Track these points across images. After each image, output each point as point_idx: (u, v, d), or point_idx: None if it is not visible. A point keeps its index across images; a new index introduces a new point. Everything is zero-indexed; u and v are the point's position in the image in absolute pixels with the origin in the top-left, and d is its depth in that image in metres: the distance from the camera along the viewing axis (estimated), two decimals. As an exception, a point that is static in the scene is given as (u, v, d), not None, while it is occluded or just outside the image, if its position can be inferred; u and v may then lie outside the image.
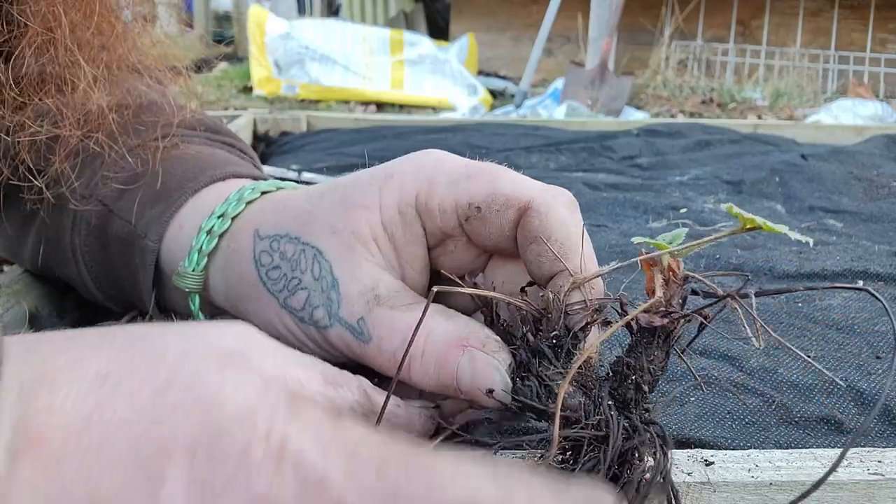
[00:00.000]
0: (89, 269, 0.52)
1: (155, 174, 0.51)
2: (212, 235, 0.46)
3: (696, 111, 2.94)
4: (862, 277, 0.70)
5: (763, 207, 0.96)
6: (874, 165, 1.14)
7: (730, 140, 1.31)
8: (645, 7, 3.60)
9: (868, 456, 0.37)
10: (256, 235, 0.44)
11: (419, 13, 4.65)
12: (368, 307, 0.39)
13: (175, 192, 0.50)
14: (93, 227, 0.51)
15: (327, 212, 0.42)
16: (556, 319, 0.35)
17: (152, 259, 0.49)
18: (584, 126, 1.45)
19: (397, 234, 0.41)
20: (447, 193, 0.40)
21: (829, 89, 3.39)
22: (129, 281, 0.51)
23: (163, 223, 0.49)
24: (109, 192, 0.51)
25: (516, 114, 2.73)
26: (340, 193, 0.42)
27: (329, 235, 0.41)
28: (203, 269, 0.46)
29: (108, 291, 0.53)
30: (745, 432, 0.46)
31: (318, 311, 0.41)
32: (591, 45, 3.11)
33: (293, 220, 0.43)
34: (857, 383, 0.50)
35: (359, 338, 0.39)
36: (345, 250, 0.41)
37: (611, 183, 1.06)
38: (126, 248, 0.50)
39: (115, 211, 0.50)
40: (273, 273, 0.43)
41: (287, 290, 0.42)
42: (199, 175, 0.50)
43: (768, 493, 0.35)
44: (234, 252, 0.45)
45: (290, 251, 0.42)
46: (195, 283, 0.46)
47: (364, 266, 0.40)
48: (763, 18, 3.67)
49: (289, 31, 3.05)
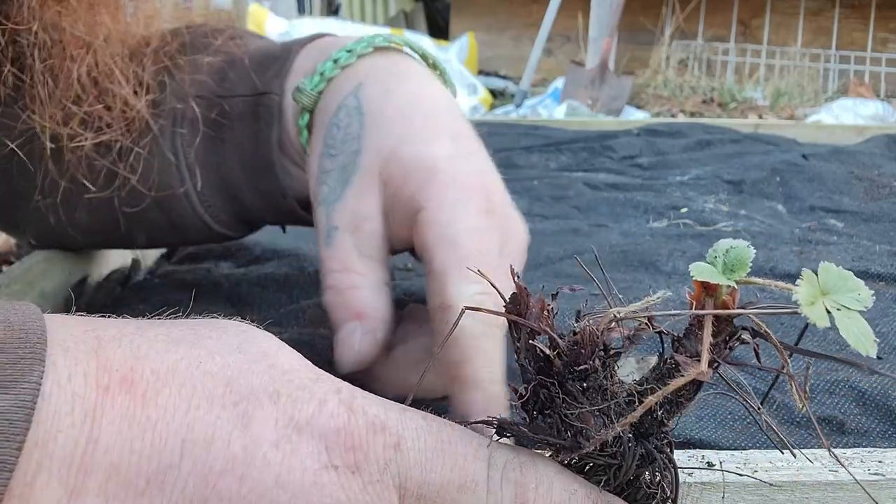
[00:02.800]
0: (192, 174, 0.52)
1: (243, 56, 0.53)
2: (336, 65, 0.48)
3: (697, 111, 2.94)
4: (863, 277, 0.69)
5: (764, 207, 0.96)
6: (875, 165, 1.14)
7: (730, 140, 1.31)
8: (645, 6, 3.60)
9: (869, 456, 0.37)
10: (354, 91, 0.46)
11: (419, 13, 4.65)
12: (346, 230, 0.44)
13: (281, 55, 0.52)
14: (198, 121, 0.52)
15: (381, 133, 0.45)
16: (589, 354, 0.31)
17: (278, 111, 0.50)
18: (584, 126, 1.45)
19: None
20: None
21: (830, 89, 3.39)
22: (247, 155, 0.52)
23: (282, 76, 0.51)
24: (206, 86, 0.52)
25: (516, 113, 2.73)
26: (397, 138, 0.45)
27: (371, 146, 0.44)
28: (319, 93, 0.48)
29: (209, 197, 0.53)
30: (745, 432, 0.46)
31: (325, 188, 0.45)
32: (591, 44, 3.11)
33: (375, 103, 0.46)
34: (858, 383, 0.50)
35: (325, 238, 0.44)
36: (368, 174, 0.44)
37: (611, 183, 1.06)
38: (243, 119, 0.51)
39: (224, 94, 0.52)
40: (332, 135, 0.46)
41: (326, 149, 0.45)
42: (298, 40, 0.53)
43: (768, 493, 0.35)
44: (323, 108, 0.48)
45: (351, 121, 0.46)
46: (309, 101, 0.48)
47: (371, 199, 0.44)
48: (764, 18, 3.66)
49: (288, 31, 3.04)
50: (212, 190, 0.53)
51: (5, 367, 0.24)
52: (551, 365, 0.30)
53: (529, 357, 0.31)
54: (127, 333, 0.28)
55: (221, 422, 0.26)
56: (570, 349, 0.30)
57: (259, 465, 0.26)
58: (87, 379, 0.25)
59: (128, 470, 0.25)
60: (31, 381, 0.24)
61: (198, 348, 0.28)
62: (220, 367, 0.28)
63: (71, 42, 0.47)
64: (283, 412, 0.27)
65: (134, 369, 0.26)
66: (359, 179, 0.44)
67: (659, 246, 0.76)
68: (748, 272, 0.28)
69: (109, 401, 0.25)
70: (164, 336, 0.28)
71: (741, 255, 0.28)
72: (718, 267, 0.29)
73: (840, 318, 0.27)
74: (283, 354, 0.30)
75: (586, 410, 0.29)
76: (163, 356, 0.27)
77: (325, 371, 0.31)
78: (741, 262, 0.28)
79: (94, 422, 0.25)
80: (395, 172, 0.43)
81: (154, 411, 0.26)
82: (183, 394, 0.26)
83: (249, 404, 0.27)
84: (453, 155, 0.43)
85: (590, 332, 0.30)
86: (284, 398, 0.28)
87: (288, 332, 0.55)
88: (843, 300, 0.27)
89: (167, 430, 0.26)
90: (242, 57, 0.53)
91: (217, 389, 0.27)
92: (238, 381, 0.27)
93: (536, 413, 0.30)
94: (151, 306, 0.59)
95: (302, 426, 0.27)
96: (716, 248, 0.29)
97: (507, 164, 1.13)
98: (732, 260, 0.29)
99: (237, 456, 0.26)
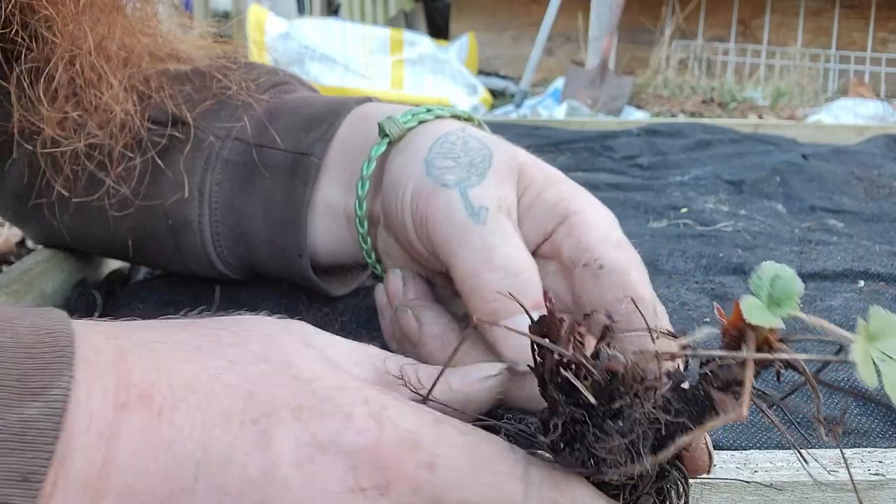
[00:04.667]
0: (212, 211, 0.52)
1: (289, 109, 0.53)
2: (416, 118, 0.46)
3: (697, 111, 2.94)
4: (863, 277, 0.70)
5: (764, 207, 0.96)
6: (875, 165, 1.13)
7: (730, 140, 1.30)
8: (645, 6, 3.60)
9: (869, 456, 0.37)
10: (459, 129, 0.45)
11: (419, 12, 4.65)
12: (497, 210, 0.39)
13: (328, 117, 0.51)
14: (232, 163, 0.52)
15: (509, 148, 0.44)
16: (628, 391, 0.28)
17: (317, 173, 0.50)
18: (584, 126, 1.45)
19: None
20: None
21: (830, 89, 3.39)
22: (273, 210, 0.51)
23: (326, 140, 0.50)
24: (246, 131, 0.52)
25: (516, 113, 2.73)
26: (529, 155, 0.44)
27: (503, 151, 0.43)
28: (408, 130, 0.46)
29: (222, 238, 0.53)
30: (745, 432, 0.46)
31: (450, 176, 0.40)
32: (591, 44, 3.11)
33: (488, 136, 0.45)
34: (858, 384, 0.50)
35: (471, 215, 0.38)
36: (506, 170, 0.42)
37: (611, 183, 1.06)
38: (278, 173, 0.51)
39: (263, 144, 0.52)
40: (442, 146, 0.43)
41: (439, 154, 0.42)
42: (346, 102, 0.52)
43: (768, 493, 0.35)
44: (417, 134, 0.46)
45: (468, 139, 0.43)
46: (398, 133, 0.46)
47: (512, 192, 0.41)
48: (764, 18, 3.66)
49: (288, 31, 3.04)
50: (227, 231, 0.53)
51: (34, 373, 0.24)
52: (581, 397, 0.27)
53: (559, 388, 0.28)
54: (149, 341, 0.27)
55: (239, 441, 0.25)
56: (606, 384, 0.27)
57: (278, 489, 0.25)
58: (105, 395, 0.25)
59: (142, 492, 0.25)
60: (61, 387, 0.24)
61: (218, 358, 0.27)
62: (241, 379, 0.27)
63: (60, 45, 0.47)
64: (306, 429, 0.26)
65: (153, 384, 0.26)
66: (496, 174, 0.41)
67: (659, 246, 0.76)
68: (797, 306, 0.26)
69: (126, 419, 0.25)
70: (186, 343, 0.27)
71: (789, 287, 0.26)
72: (763, 297, 0.26)
73: (885, 369, 0.25)
74: (308, 360, 0.28)
75: (616, 445, 0.27)
76: (182, 368, 0.26)
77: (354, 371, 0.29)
78: (789, 296, 0.26)
79: (109, 442, 0.24)
80: (537, 176, 0.42)
81: (169, 431, 0.25)
82: (200, 411, 0.26)
83: (269, 421, 0.26)
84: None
85: (631, 370, 0.27)
86: (307, 413, 0.26)
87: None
88: (889, 348, 0.25)
89: (182, 450, 0.25)
90: (286, 110, 0.53)
91: (235, 405, 0.26)
92: (258, 395, 0.26)
93: (564, 445, 0.28)
94: (151, 306, 0.59)
95: (326, 444, 0.26)
96: (761, 276, 0.26)
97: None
98: (780, 292, 0.26)
99: (254, 479, 0.25)
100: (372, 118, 0.50)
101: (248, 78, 0.54)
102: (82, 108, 0.49)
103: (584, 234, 0.39)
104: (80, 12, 0.47)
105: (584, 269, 0.38)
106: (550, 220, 0.41)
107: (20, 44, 0.46)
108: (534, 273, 0.37)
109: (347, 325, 0.55)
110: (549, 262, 0.41)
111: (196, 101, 0.53)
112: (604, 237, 0.39)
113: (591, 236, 0.39)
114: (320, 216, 0.51)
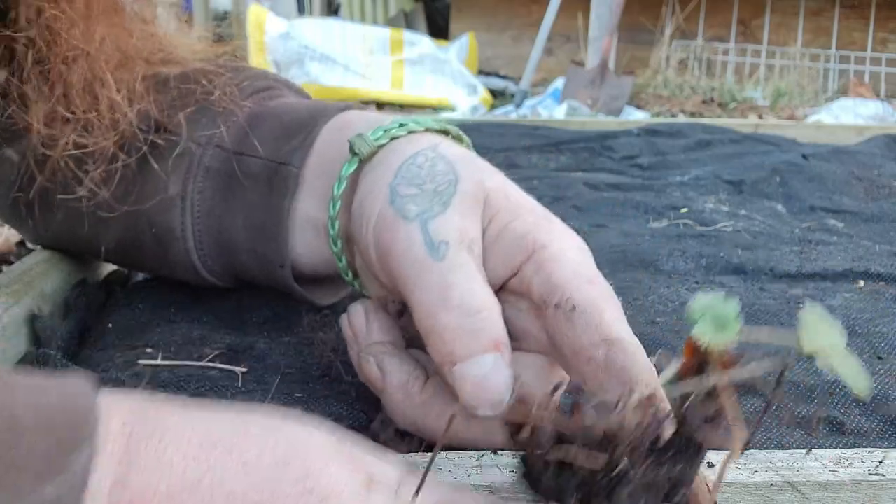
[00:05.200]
0: (195, 219, 0.52)
1: (270, 115, 0.52)
2: (390, 133, 0.45)
3: (697, 111, 2.94)
4: (863, 277, 0.70)
5: (764, 207, 0.96)
6: (875, 165, 1.14)
7: (730, 140, 1.30)
8: (645, 6, 3.60)
9: (869, 457, 0.37)
10: (431, 146, 0.43)
11: (419, 12, 4.65)
12: (459, 245, 0.37)
13: (308, 124, 0.51)
14: (213, 171, 0.52)
15: (477, 171, 0.41)
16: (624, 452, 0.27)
17: (295, 183, 0.49)
18: (584, 126, 1.45)
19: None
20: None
21: (830, 89, 3.39)
22: (253, 219, 0.51)
23: (304, 149, 0.50)
24: (227, 139, 0.52)
25: (516, 113, 2.73)
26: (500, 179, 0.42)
27: (470, 177, 0.40)
28: (379, 148, 0.45)
29: (205, 245, 0.53)
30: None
31: (412, 206, 0.39)
32: (591, 44, 3.11)
33: (459, 154, 0.43)
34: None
35: (430, 251, 0.37)
36: (471, 199, 0.39)
37: (611, 183, 1.06)
38: (258, 182, 0.51)
39: (244, 152, 0.51)
40: (409, 170, 0.41)
41: (404, 180, 0.41)
42: (326, 109, 0.52)
43: (768, 493, 0.35)
44: (386, 154, 0.44)
45: (436, 160, 0.42)
46: (368, 151, 0.45)
47: (476, 224, 0.39)
48: (764, 18, 3.66)
49: (288, 31, 3.04)
50: (210, 240, 0.53)
51: (52, 453, 0.23)
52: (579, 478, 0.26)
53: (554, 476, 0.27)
54: (163, 429, 0.25)
55: None
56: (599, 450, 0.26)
57: None
58: (100, 494, 0.24)
59: None
60: (80, 465, 0.23)
61: (232, 458, 0.25)
62: (247, 487, 0.25)
63: (65, 47, 0.47)
64: None
65: (149, 485, 0.24)
66: (460, 203, 0.39)
67: (659, 246, 0.76)
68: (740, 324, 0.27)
69: None
70: (202, 433, 0.25)
71: (727, 312, 0.28)
72: (708, 326, 0.27)
73: (838, 363, 0.27)
74: (330, 471, 0.26)
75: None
76: (188, 468, 0.25)
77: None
78: (730, 320, 0.27)
79: None
80: (503, 205, 0.40)
81: None
82: None
83: None
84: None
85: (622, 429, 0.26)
86: None
87: (288, 336, 0.55)
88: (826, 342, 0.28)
89: None
90: (268, 116, 0.53)
91: None
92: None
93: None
94: (151, 307, 0.59)
95: None
96: (697, 309, 0.28)
97: (507, 165, 1.13)
98: (720, 319, 0.28)
99: None
100: (350, 127, 0.49)
101: (233, 83, 0.54)
102: (82, 109, 0.49)
103: (553, 272, 0.37)
104: (89, 14, 0.47)
105: (555, 311, 0.36)
106: (518, 254, 0.39)
107: (25, 43, 0.46)
108: (494, 311, 0.36)
109: (347, 326, 0.55)
110: (521, 300, 0.39)
111: (179, 107, 0.53)
112: (574, 273, 0.37)
113: (561, 274, 0.37)
114: (300, 227, 0.50)
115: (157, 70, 0.54)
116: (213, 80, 0.53)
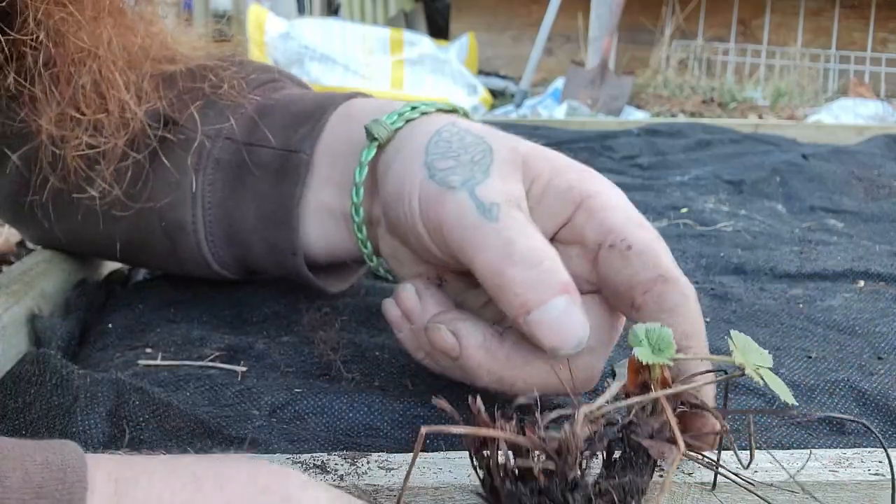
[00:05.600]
0: (206, 212, 0.52)
1: (278, 106, 0.53)
2: (403, 116, 0.46)
3: (697, 111, 2.94)
4: (863, 277, 0.70)
5: (764, 207, 0.96)
6: (875, 165, 1.14)
7: (730, 140, 1.31)
8: (645, 6, 3.60)
9: (869, 456, 0.37)
10: (449, 123, 0.44)
11: (419, 12, 4.65)
12: (508, 205, 0.38)
13: (315, 113, 0.51)
14: (223, 163, 0.52)
15: (507, 139, 0.43)
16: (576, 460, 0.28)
17: (306, 171, 0.50)
18: (584, 126, 1.45)
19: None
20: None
21: (830, 89, 3.39)
22: (264, 208, 0.51)
23: (314, 137, 0.50)
24: (236, 130, 0.52)
25: (516, 114, 2.73)
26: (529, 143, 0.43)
27: (503, 145, 0.42)
28: (395, 132, 0.46)
29: (216, 237, 0.53)
30: (745, 432, 0.46)
31: (454, 177, 0.40)
32: (591, 44, 3.12)
33: (481, 127, 0.44)
34: (858, 384, 0.50)
35: (483, 214, 0.38)
36: (509, 164, 0.41)
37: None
38: (268, 171, 0.51)
39: (254, 142, 0.52)
40: (438, 146, 0.42)
41: (438, 155, 0.41)
42: (333, 98, 0.52)
43: (768, 493, 0.35)
44: (408, 136, 0.45)
45: (463, 134, 0.43)
46: (386, 136, 0.46)
47: (519, 185, 0.40)
48: (764, 18, 3.66)
49: (288, 31, 3.05)
50: (221, 232, 0.53)
51: None
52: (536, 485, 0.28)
53: (512, 479, 0.28)
54: (150, 472, 0.26)
55: None
56: (556, 459, 0.28)
57: None
58: None
59: None
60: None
61: (223, 493, 0.26)
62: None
63: (73, 49, 0.47)
64: None
65: None
66: (499, 168, 0.40)
67: (659, 246, 0.76)
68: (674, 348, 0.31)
69: None
70: (187, 475, 0.26)
71: (664, 337, 0.32)
72: (647, 349, 0.31)
73: (766, 377, 0.31)
74: (310, 494, 0.27)
75: None
76: (176, 498, 0.25)
77: None
78: (668, 344, 0.31)
79: None
80: (543, 166, 0.41)
81: None
82: None
83: None
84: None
85: (574, 439, 0.28)
86: None
87: (288, 335, 0.55)
88: (757, 360, 0.31)
89: None
90: (275, 107, 0.53)
91: None
92: None
93: None
94: (151, 307, 0.59)
95: None
96: (636, 334, 0.32)
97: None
98: (657, 343, 0.31)
99: None
100: (359, 114, 0.49)
101: (240, 76, 0.54)
102: (91, 110, 0.49)
103: (605, 216, 0.39)
104: (95, 16, 0.47)
105: (610, 251, 0.39)
106: (566, 207, 0.41)
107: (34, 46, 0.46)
108: (556, 259, 0.37)
109: (347, 325, 0.55)
110: (570, 248, 0.41)
111: (187, 101, 0.53)
112: (626, 217, 0.40)
113: (614, 218, 0.39)
114: (313, 214, 0.51)
115: (162, 68, 0.54)
116: (220, 75, 0.54)
